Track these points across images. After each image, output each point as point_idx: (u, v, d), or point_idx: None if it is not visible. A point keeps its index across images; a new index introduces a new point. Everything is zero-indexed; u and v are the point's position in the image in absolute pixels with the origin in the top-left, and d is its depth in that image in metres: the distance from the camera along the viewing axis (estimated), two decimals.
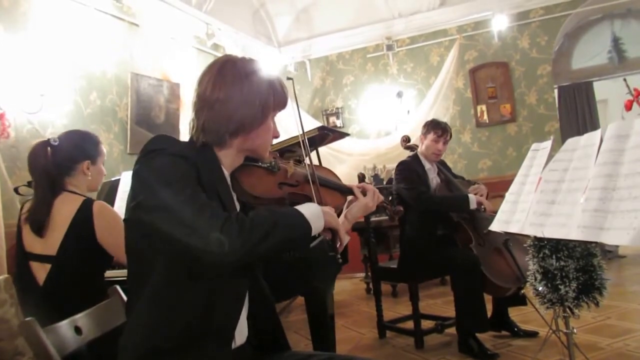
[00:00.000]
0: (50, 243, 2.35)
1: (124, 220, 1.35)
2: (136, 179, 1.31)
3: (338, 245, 1.45)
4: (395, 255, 5.35)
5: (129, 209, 1.30)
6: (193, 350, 1.29)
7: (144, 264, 1.32)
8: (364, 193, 1.77)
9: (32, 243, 2.40)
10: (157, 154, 1.31)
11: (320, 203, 1.55)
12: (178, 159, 1.30)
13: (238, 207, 1.51)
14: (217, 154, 1.45)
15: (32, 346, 1.26)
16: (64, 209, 2.37)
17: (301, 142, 1.73)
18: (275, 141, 1.70)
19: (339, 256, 1.41)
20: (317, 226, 1.36)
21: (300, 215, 1.33)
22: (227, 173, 1.48)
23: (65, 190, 2.44)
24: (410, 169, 3.79)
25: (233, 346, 1.41)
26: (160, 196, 1.23)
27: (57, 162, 2.44)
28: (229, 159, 1.47)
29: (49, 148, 2.42)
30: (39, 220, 2.36)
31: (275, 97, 1.49)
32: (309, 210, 1.36)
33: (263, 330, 1.55)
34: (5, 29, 3.67)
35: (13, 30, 3.74)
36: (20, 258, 2.45)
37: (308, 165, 1.62)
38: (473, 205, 3.55)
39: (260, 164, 1.55)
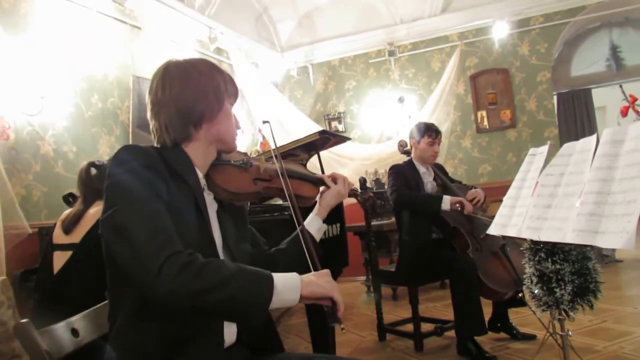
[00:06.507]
0: (76, 235, 2.57)
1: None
2: (105, 194, 1.30)
3: (339, 313, 1.32)
4: (396, 258, 5.39)
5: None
6: (185, 351, 1.29)
7: (120, 275, 1.29)
8: (335, 181, 1.81)
9: (61, 235, 2.58)
10: (121, 169, 1.30)
11: (292, 195, 1.59)
12: (143, 172, 1.30)
13: (216, 207, 1.52)
14: (187, 154, 1.46)
15: (27, 349, 1.24)
16: (96, 209, 2.59)
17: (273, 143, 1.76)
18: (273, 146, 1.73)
19: (342, 326, 1.31)
20: (285, 298, 1.25)
21: (267, 282, 1.24)
22: (201, 175, 1.48)
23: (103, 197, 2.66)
24: (398, 172, 3.86)
25: (224, 345, 1.41)
26: (119, 215, 1.23)
27: (102, 178, 2.69)
28: (200, 153, 1.48)
29: (92, 168, 2.73)
30: (72, 220, 2.61)
31: (226, 84, 1.51)
32: (285, 279, 1.27)
33: (255, 331, 1.55)
34: (5, 31, 3.67)
35: (13, 32, 3.75)
36: (46, 250, 2.65)
37: (276, 157, 1.64)
38: (446, 206, 3.58)
39: (232, 162, 1.57)
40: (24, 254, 3.48)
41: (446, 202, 3.59)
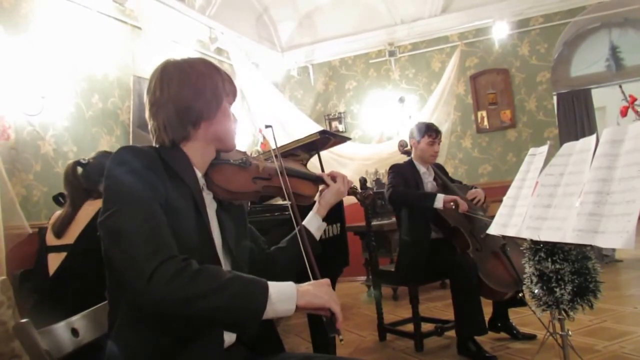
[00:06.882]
0: (70, 235, 2.55)
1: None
2: (103, 195, 1.30)
3: (337, 324, 1.28)
4: (396, 258, 5.40)
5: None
6: (185, 350, 1.28)
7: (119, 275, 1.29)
8: (334, 179, 1.82)
9: (53, 238, 2.58)
10: (120, 170, 1.29)
11: (290, 194, 1.59)
12: (142, 174, 1.30)
13: (215, 206, 1.52)
14: (186, 153, 1.45)
15: (27, 349, 1.23)
16: (89, 209, 2.62)
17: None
18: (274, 146, 1.73)
19: (341, 337, 1.28)
20: (279, 308, 1.23)
21: (261, 291, 1.22)
22: (200, 174, 1.48)
23: (94, 197, 2.65)
24: (398, 171, 3.88)
25: (224, 345, 1.41)
26: (115, 218, 1.23)
27: (89, 176, 2.72)
28: (198, 153, 1.47)
29: (78, 167, 2.72)
30: (62, 225, 2.61)
31: (224, 83, 1.51)
32: (280, 288, 1.25)
33: (255, 331, 1.55)
34: (6, 30, 3.65)
35: (14, 32, 3.73)
36: (40, 252, 2.63)
37: (276, 156, 1.64)
38: (439, 204, 3.57)
39: (231, 161, 1.57)
40: (24, 254, 3.48)
41: (439, 200, 3.58)
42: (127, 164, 1.30)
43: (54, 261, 2.53)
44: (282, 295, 1.24)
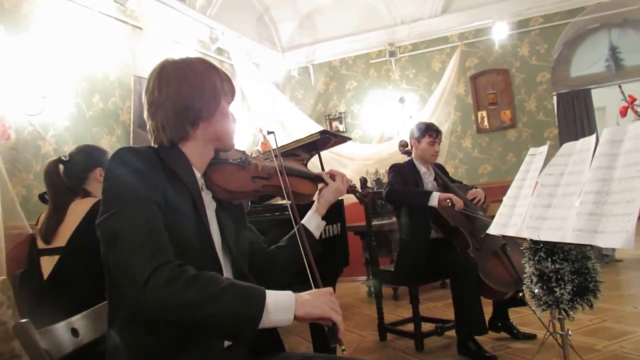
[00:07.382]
0: (61, 238, 2.49)
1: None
2: (102, 196, 1.30)
3: (339, 334, 1.27)
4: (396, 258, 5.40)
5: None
6: (185, 350, 1.28)
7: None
8: (333, 178, 1.82)
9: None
10: (119, 171, 1.30)
11: (290, 193, 1.59)
12: (140, 175, 1.30)
13: (215, 206, 1.52)
14: (185, 153, 1.45)
15: (27, 349, 1.23)
16: (77, 209, 2.52)
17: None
18: (274, 146, 1.73)
19: (343, 347, 1.27)
20: (275, 318, 1.22)
21: (258, 300, 1.21)
22: (199, 174, 1.48)
23: (81, 196, 2.59)
24: (397, 171, 3.88)
25: (224, 345, 1.40)
26: (112, 221, 1.23)
27: (71, 174, 2.65)
28: (197, 152, 1.47)
29: (60, 165, 2.62)
30: (48, 230, 2.54)
31: (223, 82, 1.51)
32: (278, 298, 1.23)
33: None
34: (6, 30, 3.65)
35: (15, 32, 3.73)
36: (32, 256, 2.57)
37: (276, 156, 1.64)
38: (433, 203, 3.56)
39: (230, 160, 1.57)
40: (24, 254, 3.46)
41: (434, 198, 3.58)
42: (126, 164, 1.31)
43: (47, 264, 2.50)
44: (280, 305, 1.23)
